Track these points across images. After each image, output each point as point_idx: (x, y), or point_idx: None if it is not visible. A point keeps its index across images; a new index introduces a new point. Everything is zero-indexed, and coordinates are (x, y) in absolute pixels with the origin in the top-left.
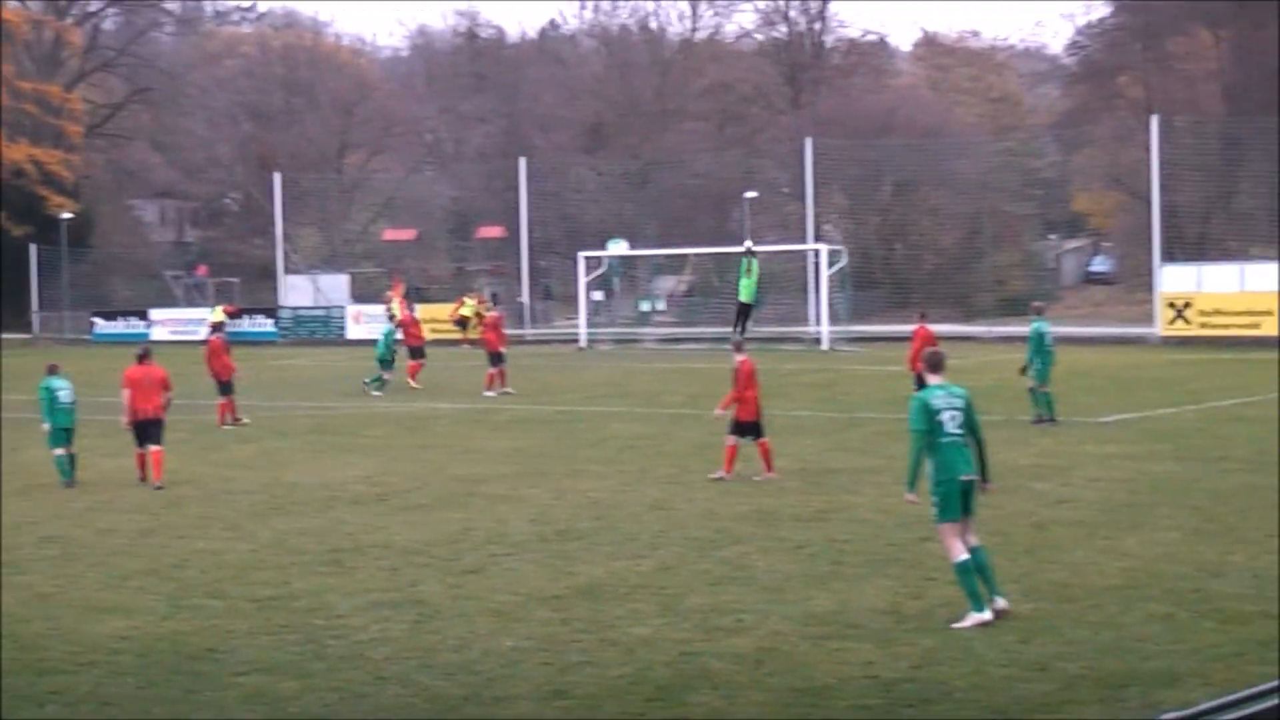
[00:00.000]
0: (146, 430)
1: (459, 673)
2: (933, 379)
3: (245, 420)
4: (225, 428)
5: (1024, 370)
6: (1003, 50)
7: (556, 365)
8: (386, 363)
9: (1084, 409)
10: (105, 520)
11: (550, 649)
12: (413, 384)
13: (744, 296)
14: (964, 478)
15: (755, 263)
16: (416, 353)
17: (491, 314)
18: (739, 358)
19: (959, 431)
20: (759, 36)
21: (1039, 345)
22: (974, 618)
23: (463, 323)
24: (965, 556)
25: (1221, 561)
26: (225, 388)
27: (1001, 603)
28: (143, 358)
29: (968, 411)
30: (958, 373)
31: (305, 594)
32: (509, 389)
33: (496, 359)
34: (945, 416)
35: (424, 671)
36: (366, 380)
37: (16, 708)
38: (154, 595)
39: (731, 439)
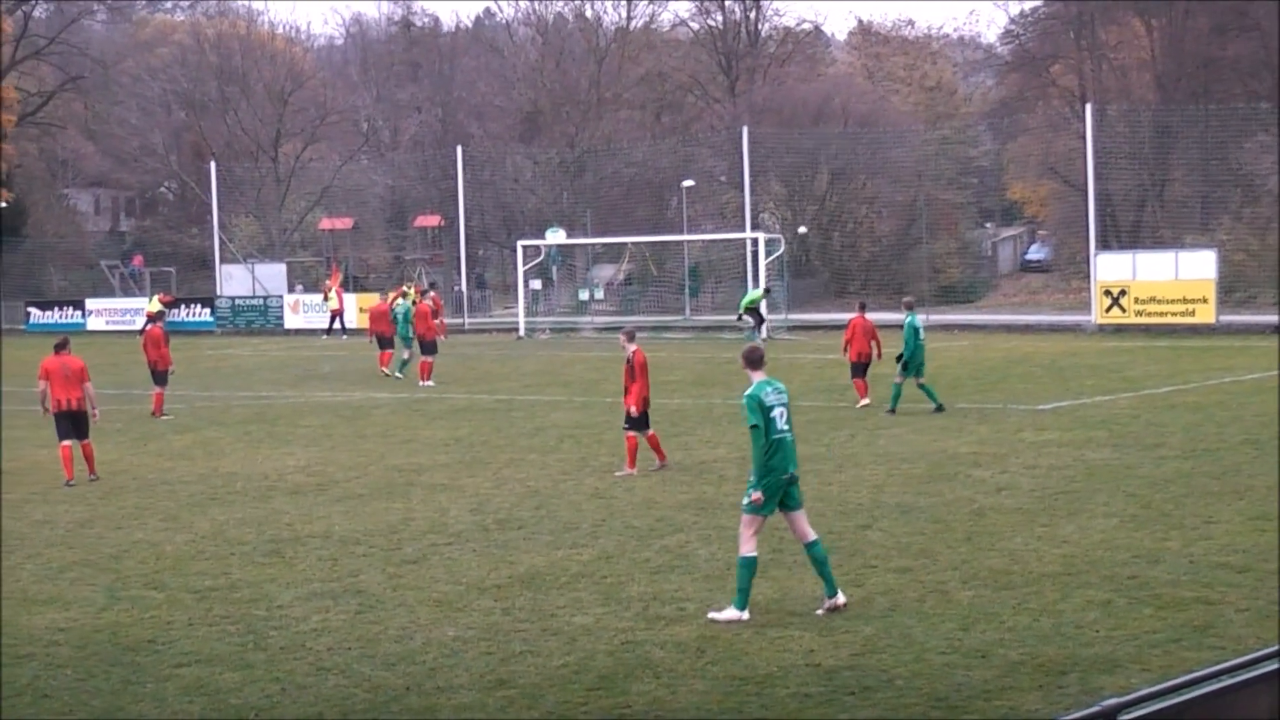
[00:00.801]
0: (71, 422)
1: (400, 663)
2: (756, 375)
3: (168, 415)
4: (165, 418)
5: (904, 362)
6: (937, 39)
7: (494, 354)
8: (409, 340)
9: (1021, 396)
10: (41, 511)
11: (492, 638)
12: (384, 371)
13: (748, 302)
14: (790, 474)
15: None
16: (386, 342)
17: (421, 303)
18: (631, 348)
19: (787, 428)
20: (694, 25)
21: (915, 339)
22: (733, 614)
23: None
24: (754, 554)
25: (1158, 548)
26: (161, 378)
27: (841, 599)
28: (60, 348)
29: (789, 410)
30: (896, 360)
31: (245, 585)
32: (398, 375)
33: (427, 348)
34: (776, 413)
35: (365, 662)
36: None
37: None
38: (92, 587)
39: (634, 433)
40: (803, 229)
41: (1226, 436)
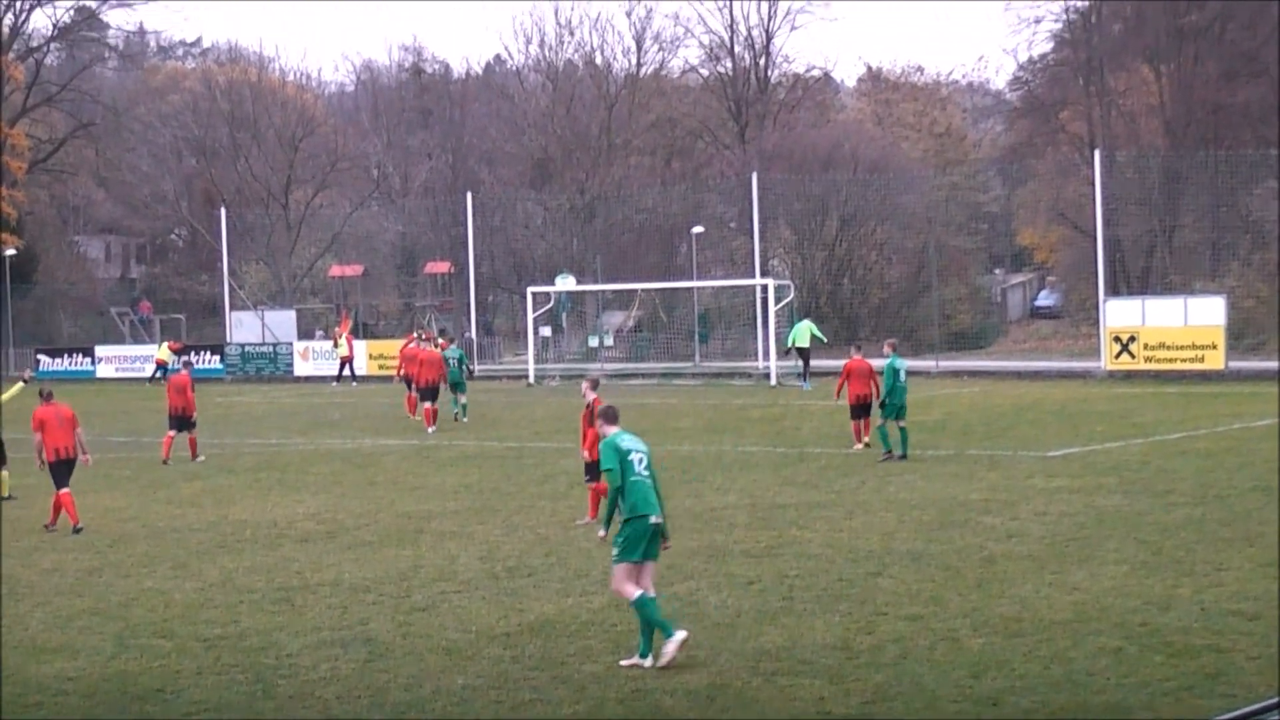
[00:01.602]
0: (66, 469)
1: (410, 711)
2: (612, 429)
3: (168, 461)
4: (200, 460)
5: (883, 405)
6: (946, 85)
7: (504, 401)
8: (460, 386)
9: (1031, 443)
10: (50, 559)
11: (501, 687)
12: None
13: (803, 342)
14: (653, 520)
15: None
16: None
17: (429, 349)
18: (592, 396)
19: (647, 473)
20: (704, 72)
21: (894, 382)
22: (672, 642)
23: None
24: (639, 593)
25: (1169, 595)
26: (183, 423)
27: (648, 662)
28: (49, 397)
29: (650, 458)
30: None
31: (254, 633)
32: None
33: (428, 394)
34: (634, 458)
35: (375, 710)
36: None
37: None
38: (100, 635)
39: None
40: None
41: (1237, 483)
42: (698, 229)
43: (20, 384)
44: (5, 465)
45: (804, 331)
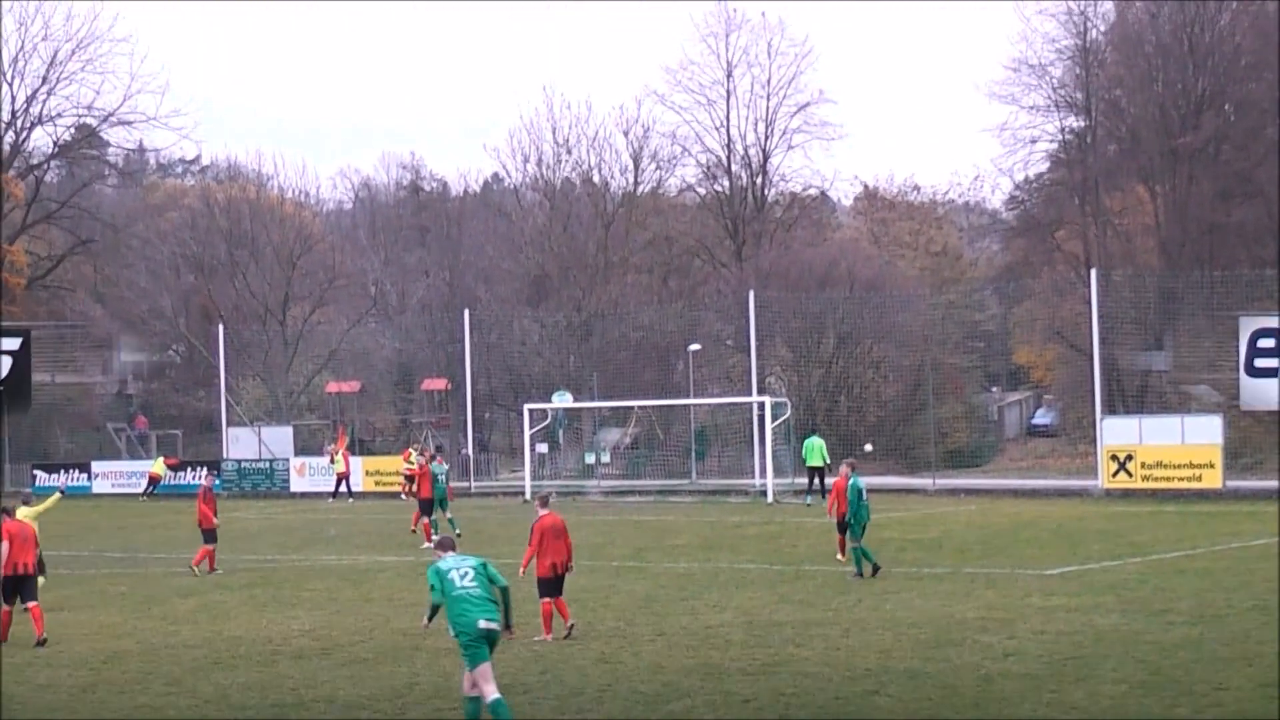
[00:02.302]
0: (18, 585)
1: None
2: (446, 555)
3: (219, 570)
4: (216, 572)
5: (848, 524)
6: (943, 204)
7: (500, 518)
8: (443, 503)
9: (1029, 561)
10: (44, 675)
11: None
12: (414, 529)
13: (814, 461)
14: (482, 625)
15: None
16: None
17: (425, 464)
18: (542, 512)
19: (470, 585)
20: (701, 190)
21: (858, 500)
22: None
23: (410, 475)
24: (494, 696)
25: (1168, 715)
26: (210, 535)
27: None
28: (13, 512)
29: (480, 571)
30: (902, 524)
31: None
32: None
33: (425, 506)
34: (453, 575)
35: None
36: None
37: None
38: None
39: (546, 600)
40: (869, 447)
41: (1235, 602)
42: (694, 346)
43: (57, 495)
44: (43, 573)
45: (814, 450)
